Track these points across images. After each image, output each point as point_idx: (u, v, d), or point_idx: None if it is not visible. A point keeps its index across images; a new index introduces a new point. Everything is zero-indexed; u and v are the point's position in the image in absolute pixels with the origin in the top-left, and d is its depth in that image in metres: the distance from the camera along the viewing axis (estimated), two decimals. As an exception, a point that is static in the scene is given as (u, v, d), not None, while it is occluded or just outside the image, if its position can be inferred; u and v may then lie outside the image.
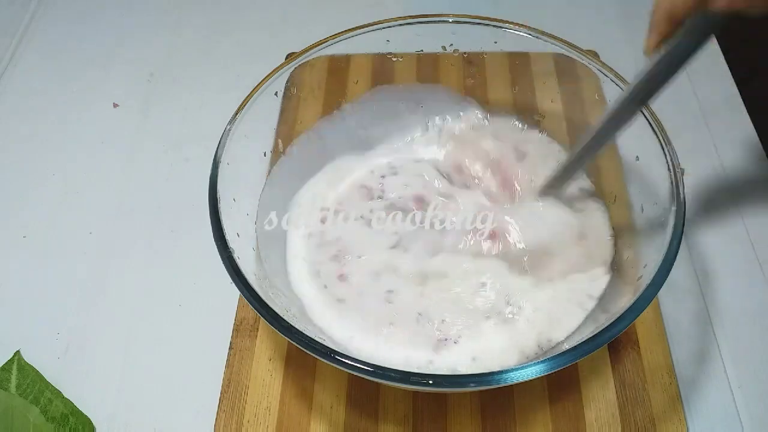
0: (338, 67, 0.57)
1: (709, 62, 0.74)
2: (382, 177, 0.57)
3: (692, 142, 0.67)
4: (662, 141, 0.46)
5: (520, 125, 0.59)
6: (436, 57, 0.58)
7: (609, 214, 0.53)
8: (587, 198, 0.55)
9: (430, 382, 0.38)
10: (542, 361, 0.37)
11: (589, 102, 0.54)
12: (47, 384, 0.53)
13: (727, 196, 0.63)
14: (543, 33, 0.52)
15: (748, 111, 0.69)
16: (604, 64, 0.51)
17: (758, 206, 0.62)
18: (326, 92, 0.58)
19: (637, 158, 0.50)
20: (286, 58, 0.54)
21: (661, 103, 0.44)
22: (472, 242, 0.52)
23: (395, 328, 0.48)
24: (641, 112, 0.46)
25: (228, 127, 0.48)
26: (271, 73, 0.52)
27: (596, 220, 0.53)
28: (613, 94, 0.50)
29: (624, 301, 0.41)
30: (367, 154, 0.59)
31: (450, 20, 0.55)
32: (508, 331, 0.47)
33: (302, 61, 0.53)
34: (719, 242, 0.60)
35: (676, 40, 0.39)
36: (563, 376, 0.50)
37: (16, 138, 0.72)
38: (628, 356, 0.51)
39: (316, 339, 0.39)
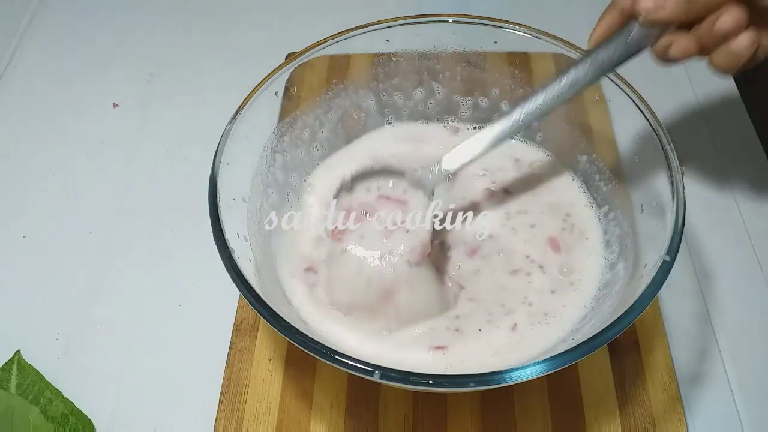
0: (338, 67, 0.57)
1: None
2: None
3: (692, 142, 0.67)
4: (662, 141, 0.46)
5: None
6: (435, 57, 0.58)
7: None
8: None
9: (430, 382, 0.37)
10: (542, 361, 0.37)
11: (589, 102, 0.54)
12: (47, 384, 0.53)
13: (727, 196, 0.63)
14: (543, 33, 0.53)
15: (748, 111, 0.69)
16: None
17: (758, 206, 0.62)
18: (326, 92, 0.57)
19: (637, 158, 0.50)
20: (286, 58, 0.54)
21: (661, 103, 0.44)
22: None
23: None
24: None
25: (228, 127, 0.48)
26: (271, 73, 0.52)
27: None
28: (613, 94, 0.50)
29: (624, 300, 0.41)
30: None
31: (450, 20, 0.55)
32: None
33: (302, 61, 0.53)
34: (719, 242, 0.60)
35: (616, 37, 0.42)
36: (563, 376, 0.50)
37: (16, 138, 0.72)
38: (628, 356, 0.51)
39: (316, 339, 0.39)
